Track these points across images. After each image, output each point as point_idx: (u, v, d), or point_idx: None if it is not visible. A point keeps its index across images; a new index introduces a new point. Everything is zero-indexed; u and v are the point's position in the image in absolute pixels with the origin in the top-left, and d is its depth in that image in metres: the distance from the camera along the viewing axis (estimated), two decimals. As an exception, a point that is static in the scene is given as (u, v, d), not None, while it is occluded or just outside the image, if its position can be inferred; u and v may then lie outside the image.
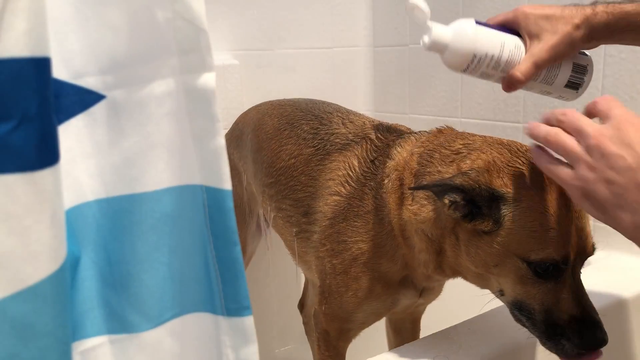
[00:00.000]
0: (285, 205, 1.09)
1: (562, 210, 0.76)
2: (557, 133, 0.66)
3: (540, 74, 0.83)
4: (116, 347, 0.53)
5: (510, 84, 0.81)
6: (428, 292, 1.00)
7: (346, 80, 1.82)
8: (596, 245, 0.81)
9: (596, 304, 1.03)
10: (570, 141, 0.65)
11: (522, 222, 0.76)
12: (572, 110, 0.67)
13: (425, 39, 0.82)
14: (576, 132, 0.64)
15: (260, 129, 1.23)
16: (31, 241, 0.43)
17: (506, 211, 0.77)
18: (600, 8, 0.80)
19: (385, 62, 1.81)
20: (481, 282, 0.86)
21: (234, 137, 1.37)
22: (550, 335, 0.78)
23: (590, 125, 0.63)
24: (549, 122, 0.69)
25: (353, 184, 0.96)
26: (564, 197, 0.76)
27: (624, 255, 1.24)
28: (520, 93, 1.42)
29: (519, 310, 0.81)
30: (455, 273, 0.89)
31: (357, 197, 0.95)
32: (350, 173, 0.97)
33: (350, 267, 0.95)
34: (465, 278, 0.89)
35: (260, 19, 1.65)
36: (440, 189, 0.79)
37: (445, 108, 1.62)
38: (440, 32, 0.81)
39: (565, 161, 0.66)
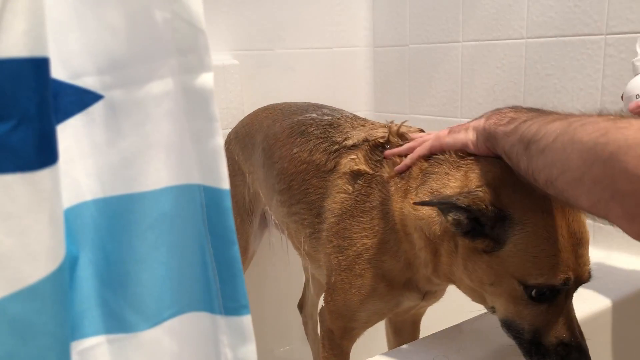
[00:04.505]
0: (298, 209, 1.10)
1: (565, 236, 0.75)
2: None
3: None
4: (114, 347, 0.53)
5: None
6: (431, 295, 1.00)
7: (346, 81, 1.82)
8: (592, 273, 0.81)
9: (595, 304, 1.03)
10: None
11: (525, 245, 0.76)
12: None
13: None
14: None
15: (271, 135, 1.24)
16: (30, 241, 0.43)
17: (510, 233, 0.76)
18: None
19: (385, 62, 1.81)
20: (474, 295, 0.86)
21: (240, 138, 1.37)
22: (533, 353, 0.79)
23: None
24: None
25: (360, 182, 0.97)
26: (567, 221, 0.76)
27: (624, 255, 1.24)
28: (518, 93, 1.42)
29: (508, 328, 0.82)
30: (448, 280, 0.89)
31: (364, 194, 0.96)
32: (359, 170, 0.98)
33: (355, 264, 0.96)
34: (459, 288, 0.89)
35: (260, 19, 1.65)
36: (445, 207, 0.79)
37: (446, 108, 1.62)
38: None
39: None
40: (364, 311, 0.99)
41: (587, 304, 1.01)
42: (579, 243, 0.77)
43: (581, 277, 0.78)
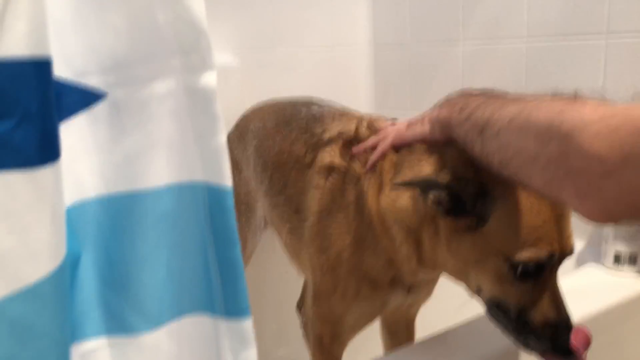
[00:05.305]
0: (279, 201, 1.09)
1: (547, 209, 0.75)
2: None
3: None
4: (115, 349, 0.52)
5: None
6: (416, 289, 0.98)
7: (347, 79, 1.82)
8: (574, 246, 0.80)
9: (594, 304, 1.03)
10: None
11: (507, 219, 0.75)
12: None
13: None
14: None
15: (261, 128, 1.24)
16: (31, 239, 0.43)
17: (492, 208, 0.75)
18: None
19: (386, 61, 1.81)
20: (460, 277, 0.85)
21: (237, 136, 1.37)
22: (520, 331, 0.78)
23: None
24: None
25: (335, 177, 0.96)
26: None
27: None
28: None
29: (495, 308, 0.80)
30: (434, 267, 0.87)
31: (339, 190, 0.95)
32: (333, 164, 0.97)
33: (337, 265, 0.94)
34: (444, 271, 0.87)
35: (260, 19, 1.65)
36: (425, 185, 0.78)
37: (446, 108, 1.62)
38: None
39: None
40: (349, 314, 0.97)
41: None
42: (561, 216, 0.76)
43: (565, 250, 0.77)
